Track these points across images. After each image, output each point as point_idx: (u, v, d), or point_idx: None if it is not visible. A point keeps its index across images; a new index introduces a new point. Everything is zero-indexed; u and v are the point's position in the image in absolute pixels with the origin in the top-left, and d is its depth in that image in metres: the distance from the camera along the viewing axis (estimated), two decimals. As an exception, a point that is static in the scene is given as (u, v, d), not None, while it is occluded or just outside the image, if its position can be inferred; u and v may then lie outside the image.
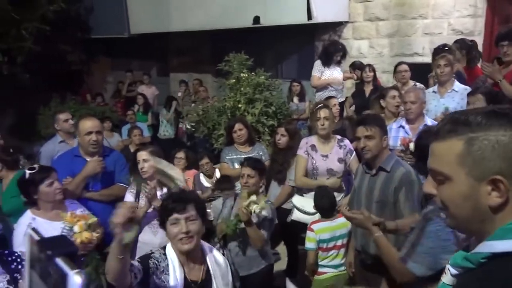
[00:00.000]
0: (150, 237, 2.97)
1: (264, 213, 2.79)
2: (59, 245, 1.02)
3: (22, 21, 7.25)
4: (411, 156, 3.27)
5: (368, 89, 5.35)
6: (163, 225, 1.97)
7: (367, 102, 4.95)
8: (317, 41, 7.21)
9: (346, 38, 6.86)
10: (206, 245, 2.05)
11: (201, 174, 4.41)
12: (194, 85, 8.03)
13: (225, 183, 3.73)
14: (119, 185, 3.28)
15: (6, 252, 2.07)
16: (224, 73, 5.74)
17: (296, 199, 3.59)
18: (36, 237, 1.08)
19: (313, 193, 3.46)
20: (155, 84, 9.50)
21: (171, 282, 1.89)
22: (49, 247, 1.00)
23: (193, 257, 1.95)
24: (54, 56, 8.34)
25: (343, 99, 5.64)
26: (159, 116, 7.69)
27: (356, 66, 5.88)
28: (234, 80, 5.51)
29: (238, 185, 3.79)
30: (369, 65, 5.51)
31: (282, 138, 3.93)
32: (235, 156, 4.09)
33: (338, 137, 3.65)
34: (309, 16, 6.35)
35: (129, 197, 3.04)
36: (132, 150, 5.33)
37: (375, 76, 5.46)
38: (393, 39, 6.61)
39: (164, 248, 1.98)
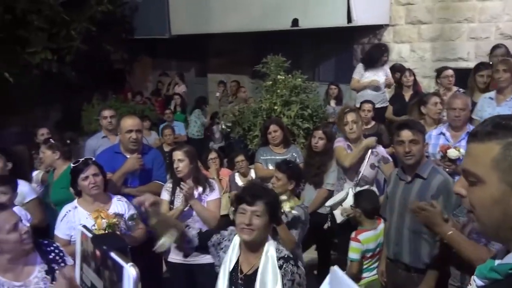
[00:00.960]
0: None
1: (294, 212, 2.80)
2: (111, 241, 1.09)
3: (72, 22, 7.62)
4: (450, 163, 3.17)
5: (407, 94, 5.23)
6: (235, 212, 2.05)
7: (406, 107, 4.84)
8: (356, 44, 7.11)
9: (386, 41, 6.72)
10: (272, 247, 1.98)
11: (236, 174, 4.47)
12: (232, 86, 8.14)
13: None
14: (156, 182, 3.37)
15: (46, 242, 2.13)
16: (261, 74, 5.79)
17: (328, 202, 3.57)
18: (89, 234, 1.16)
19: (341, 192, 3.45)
20: (192, 84, 9.72)
21: (224, 261, 2.01)
22: (103, 243, 1.07)
23: (251, 249, 1.99)
24: (99, 55, 8.70)
25: (384, 104, 5.53)
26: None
27: (396, 69, 5.75)
28: (270, 82, 5.53)
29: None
30: (409, 70, 5.39)
31: (320, 141, 3.90)
32: (269, 157, 4.11)
33: None
34: (349, 19, 6.27)
35: (165, 194, 3.13)
36: (165, 149, 5.48)
37: (415, 80, 5.33)
38: (435, 43, 6.41)
39: None
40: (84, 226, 1.22)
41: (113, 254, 1.02)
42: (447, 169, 2.96)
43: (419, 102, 4.19)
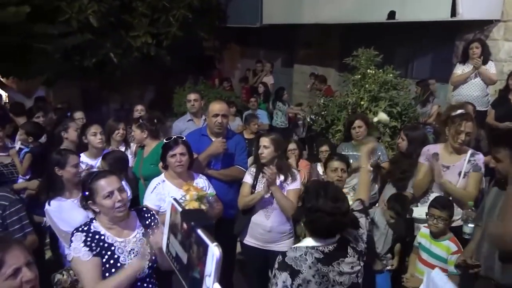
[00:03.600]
0: (262, 219, 3.10)
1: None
2: (199, 218, 1.13)
3: (171, 9, 8.07)
4: None
5: (514, 98, 4.71)
6: None
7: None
8: (458, 40, 6.52)
9: (495, 38, 6.08)
10: (302, 243, 2.07)
11: (319, 164, 4.41)
12: (317, 83, 8.00)
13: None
14: (237, 167, 3.46)
15: (144, 209, 2.36)
16: (349, 68, 5.59)
17: (414, 211, 3.36)
18: (178, 208, 1.21)
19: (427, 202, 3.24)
20: (278, 74, 9.75)
21: None
22: (191, 219, 1.12)
23: None
24: (193, 41, 9.12)
25: (486, 108, 5.05)
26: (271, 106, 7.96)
27: None
28: (359, 76, 5.32)
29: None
30: None
31: (402, 142, 3.72)
32: (351, 153, 4.00)
33: (472, 151, 3.26)
34: (453, 13, 5.76)
35: (248, 178, 3.20)
36: (246, 135, 5.62)
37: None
38: (555, 43, 5.65)
39: None
40: (175, 199, 1.28)
41: (199, 231, 1.06)
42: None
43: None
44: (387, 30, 6.96)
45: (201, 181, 3.06)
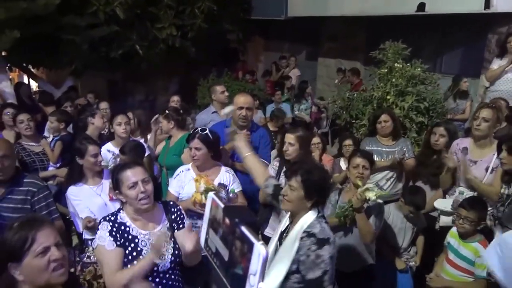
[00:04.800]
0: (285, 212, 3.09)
1: (379, 201, 2.71)
2: (242, 214, 1.11)
3: (196, 1, 8.08)
4: None
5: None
6: None
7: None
8: (490, 33, 6.27)
9: (531, 32, 5.81)
10: (309, 220, 2.17)
11: (342, 158, 4.36)
12: (350, 75, 7.87)
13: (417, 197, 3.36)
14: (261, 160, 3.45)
15: (171, 203, 2.36)
16: (376, 61, 5.48)
17: (438, 202, 3.30)
18: (220, 203, 1.19)
19: (455, 194, 3.19)
20: (302, 67, 9.65)
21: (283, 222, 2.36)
22: (235, 215, 1.10)
23: (291, 218, 2.30)
24: (217, 33, 9.11)
25: None
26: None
27: None
28: (386, 70, 5.21)
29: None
30: None
31: (441, 138, 3.59)
32: (375, 148, 3.93)
33: None
34: (487, 5, 5.55)
35: (270, 172, 3.18)
36: (271, 128, 5.62)
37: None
38: None
39: None
40: (216, 194, 1.27)
41: (243, 228, 1.03)
42: None
43: None
44: (415, 22, 6.77)
45: (226, 175, 3.05)
